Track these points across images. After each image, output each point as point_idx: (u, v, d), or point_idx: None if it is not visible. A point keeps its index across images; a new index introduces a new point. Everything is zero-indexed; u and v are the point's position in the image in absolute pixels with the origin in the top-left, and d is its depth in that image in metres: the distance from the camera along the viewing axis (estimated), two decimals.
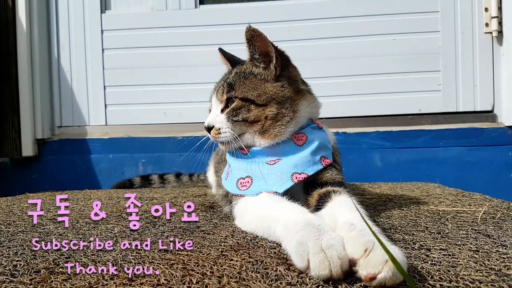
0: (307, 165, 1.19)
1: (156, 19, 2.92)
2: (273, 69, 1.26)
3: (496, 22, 2.60)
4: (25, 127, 2.80)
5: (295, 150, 1.22)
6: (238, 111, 1.23)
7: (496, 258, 0.83)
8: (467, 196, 1.70)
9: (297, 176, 1.16)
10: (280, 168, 1.18)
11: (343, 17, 2.79)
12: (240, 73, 1.29)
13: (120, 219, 1.35)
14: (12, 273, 0.79)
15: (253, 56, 1.27)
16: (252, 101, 1.23)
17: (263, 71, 1.27)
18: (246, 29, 1.20)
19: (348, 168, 2.62)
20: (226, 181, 1.29)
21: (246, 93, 1.23)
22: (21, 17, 2.77)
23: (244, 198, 1.16)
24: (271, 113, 1.22)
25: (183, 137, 2.76)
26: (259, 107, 1.22)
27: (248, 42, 1.24)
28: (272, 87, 1.24)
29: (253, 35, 1.21)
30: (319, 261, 0.71)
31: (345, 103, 2.75)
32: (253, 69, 1.28)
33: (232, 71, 1.33)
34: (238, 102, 1.23)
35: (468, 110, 2.69)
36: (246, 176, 1.20)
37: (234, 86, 1.26)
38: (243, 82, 1.26)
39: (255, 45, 1.24)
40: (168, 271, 0.77)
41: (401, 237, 1.02)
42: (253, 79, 1.26)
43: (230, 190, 1.23)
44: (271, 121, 1.22)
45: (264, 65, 1.27)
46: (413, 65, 2.73)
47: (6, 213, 1.55)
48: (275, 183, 1.15)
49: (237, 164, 1.26)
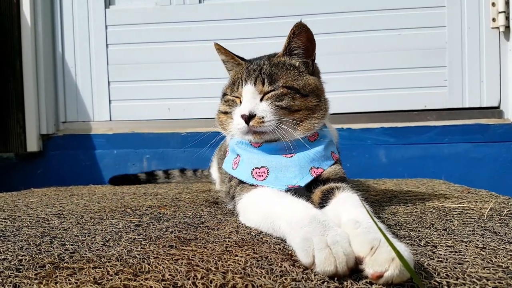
0: (322, 160, 1.21)
1: (160, 14, 2.92)
2: (311, 64, 1.31)
3: (503, 17, 2.57)
4: (30, 122, 2.81)
5: (309, 145, 1.23)
6: (282, 97, 1.22)
7: (503, 255, 0.82)
8: (473, 192, 1.69)
9: (315, 170, 1.18)
10: (298, 162, 1.18)
11: (347, 12, 2.77)
12: (279, 64, 1.29)
13: (124, 214, 1.35)
14: (18, 267, 0.79)
15: (292, 49, 1.29)
16: (297, 90, 1.24)
17: (303, 65, 1.30)
18: (297, 24, 1.23)
19: (353, 164, 2.63)
20: (235, 170, 1.27)
21: (291, 82, 1.25)
22: (26, 12, 2.77)
23: (247, 194, 1.15)
24: (312, 104, 1.25)
25: (187, 133, 2.76)
26: (303, 97, 1.24)
27: (293, 35, 1.26)
28: (313, 80, 1.29)
29: (302, 30, 1.24)
30: (324, 257, 0.70)
31: (350, 98, 2.74)
32: (292, 62, 1.30)
33: (262, 63, 1.31)
34: (283, 89, 1.23)
35: (474, 106, 2.67)
36: (262, 166, 1.20)
37: (275, 76, 1.25)
38: (286, 73, 1.27)
39: (300, 40, 1.27)
40: (173, 266, 0.77)
41: (406, 234, 1.01)
42: (295, 71, 1.28)
43: (244, 179, 1.22)
44: (310, 111, 1.24)
45: (301, 59, 1.30)
46: (419, 61, 2.71)
47: (11, 208, 1.55)
48: (295, 176, 1.16)
49: (250, 155, 1.25)
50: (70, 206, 1.57)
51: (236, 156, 1.31)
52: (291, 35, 1.26)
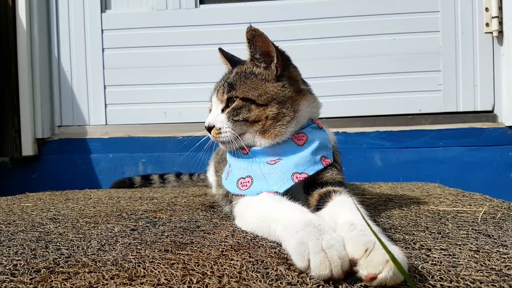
0: (307, 165, 1.19)
1: (156, 19, 2.93)
2: (274, 69, 1.26)
3: (497, 22, 2.60)
4: (25, 126, 2.80)
5: (295, 150, 1.22)
6: (238, 111, 1.23)
7: (496, 258, 0.83)
8: (467, 196, 1.70)
9: (297, 175, 1.16)
10: (281, 168, 1.18)
11: (342, 16, 2.79)
12: (241, 73, 1.29)
13: (120, 219, 1.35)
14: (12, 272, 0.79)
15: (254, 56, 1.27)
16: (253, 101, 1.23)
17: (264, 71, 1.27)
18: (247, 29, 1.20)
19: (348, 168, 2.62)
20: (226, 181, 1.29)
21: (247, 93, 1.23)
22: (21, 16, 2.77)
23: (244, 198, 1.16)
24: (272, 113, 1.22)
25: (183, 137, 2.76)
26: (260, 107, 1.22)
27: (249, 41, 1.24)
28: (273, 87, 1.24)
29: (254, 34, 1.21)
30: (319, 261, 0.70)
31: (345, 103, 2.75)
32: (254, 69, 1.28)
33: (232, 71, 1.33)
34: (238, 102, 1.23)
35: (468, 110, 2.69)
36: (247, 176, 1.20)
37: (234, 86, 1.26)
38: (244, 82, 1.26)
39: (256, 45, 1.24)
40: (169, 270, 0.77)
41: (401, 237, 1.02)
42: (254, 79, 1.26)
43: (231, 190, 1.23)
44: (272, 121, 1.22)
45: (265, 65, 1.27)
46: (413, 65, 2.73)
47: (6, 213, 1.54)
48: (276, 182, 1.15)
49: (238, 164, 1.26)
50: (66, 211, 1.56)
51: (229, 166, 1.33)
52: (247, 41, 1.24)
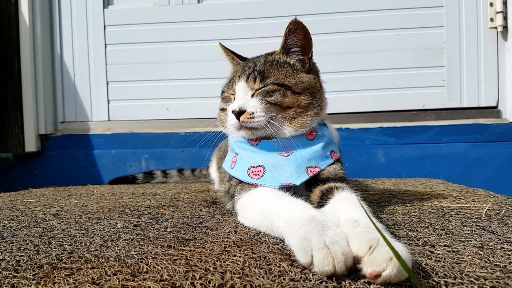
0: (320, 159, 1.21)
1: (159, 14, 2.92)
2: (307, 62, 1.30)
3: (501, 17, 2.58)
4: (28, 122, 2.80)
5: (307, 144, 1.23)
6: (272, 93, 1.23)
7: (501, 254, 0.83)
8: (471, 192, 1.69)
9: (311, 169, 1.18)
10: (295, 161, 1.18)
11: (343, 12, 2.77)
12: (273, 62, 1.30)
13: (123, 215, 1.35)
14: (16, 268, 0.79)
15: (289, 47, 1.29)
16: (289, 87, 1.24)
17: (298, 63, 1.30)
18: (292, 21, 1.23)
19: (351, 164, 2.63)
20: (233, 169, 1.27)
21: (283, 79, 1.25)
22: (24, 12, 2.77)
23: (246, 193, 1.15)
24: (305, 101, 1.24)
25: (186, 133, 2.76)
26: (295, 94, 1.24)
27: (289, 33, 1.26)
28: (307, 78, 1.28)
29: (298, 27, 1.24)
30: (322, 256, 0.70)
31: (348, 98, 2.74)
32: (287, 59, 1.30)
33: (257, 61, 1.32)
34: (273, 86, 1.23)
35: (472, 105, 2.68)
36: (258, 165, 1.20)
37: (267, 73, 1.26)
38: (278, 70, 1.27)
39: (296, 37, 1.27)
40: (171, 266, 0.77)
41: (405, 234, 1.01)
42: (289, 68, 1.28)
43: (241, 177, 1.22)
44: (303, 109, 1.24)
45: (299, 57, 1.30)
46: (417, 61, 2.72)
47: (9, 209, 1.55)
48: (291, 175, 1.16)
49: (248, 153, 1.25)
50: (69, 206, 1.56)
51: (235, 155, 1.31)
52: (287, 33, 1.26)
